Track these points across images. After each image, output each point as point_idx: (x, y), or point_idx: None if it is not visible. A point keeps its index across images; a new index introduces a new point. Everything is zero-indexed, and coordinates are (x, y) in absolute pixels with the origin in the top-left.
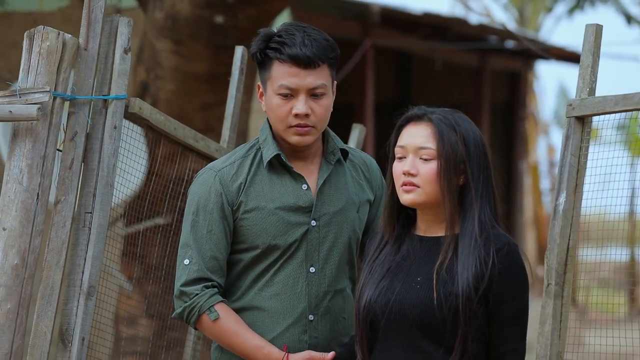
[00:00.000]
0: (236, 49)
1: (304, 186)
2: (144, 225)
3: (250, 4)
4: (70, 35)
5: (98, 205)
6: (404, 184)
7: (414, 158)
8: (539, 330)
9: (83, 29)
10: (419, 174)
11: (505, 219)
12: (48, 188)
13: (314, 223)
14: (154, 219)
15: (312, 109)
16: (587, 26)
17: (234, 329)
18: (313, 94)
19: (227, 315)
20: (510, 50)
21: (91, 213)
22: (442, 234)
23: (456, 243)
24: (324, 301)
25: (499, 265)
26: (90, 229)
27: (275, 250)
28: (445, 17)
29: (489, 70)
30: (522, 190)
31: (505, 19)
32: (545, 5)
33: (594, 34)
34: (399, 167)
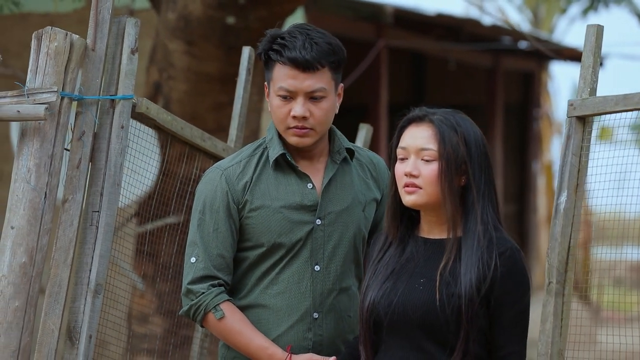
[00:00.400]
0: (243, 50)
1: (309, 185)
2: (157, 224)
3: (262, 5)
4: (77, 36)
5: (105, 204)
6: (406, 185)
7: (416, 159)
8: (540, 328)
9: (91, 30)
10: (420, 175)
11: (519, 218)
12: (56, 187)
13: (319, 222)
14: (165, 218)
15: (311, 111)
16: (588, 27)
17: (239, 328)
18: (312, 97)
19: (233, 314)
20: (524, 50)
21: (98, 212)
22: (445, 235)
23: (459, 245)
24: (328, 299)
25: (501, 268)
26: (97, 227)
27: (280, 248)
28: (459, 18)
29: (502, 71)
30: (536, 190)
31: (519, 20)
32: (560, 7)
33: (595, 34)
34: (400, 169)
